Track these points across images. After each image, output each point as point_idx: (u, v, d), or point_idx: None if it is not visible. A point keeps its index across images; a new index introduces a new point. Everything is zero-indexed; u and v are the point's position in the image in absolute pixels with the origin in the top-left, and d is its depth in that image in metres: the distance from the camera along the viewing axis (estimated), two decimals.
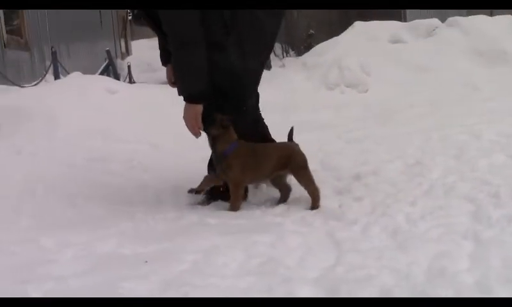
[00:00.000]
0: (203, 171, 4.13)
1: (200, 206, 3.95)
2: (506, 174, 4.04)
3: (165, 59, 4.17)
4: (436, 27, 11.45)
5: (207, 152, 3.96)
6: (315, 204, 3.75)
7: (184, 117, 3.75)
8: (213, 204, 3.97)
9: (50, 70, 10.60)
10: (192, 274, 2.62)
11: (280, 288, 2.42)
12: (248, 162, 3.81)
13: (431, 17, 12.28)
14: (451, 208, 3.42)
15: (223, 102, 3.81)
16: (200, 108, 3.70)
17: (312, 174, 3.87)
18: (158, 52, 4.24)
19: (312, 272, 2.61)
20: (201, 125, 3.70)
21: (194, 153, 4.08)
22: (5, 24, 12.16)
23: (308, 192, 3.83)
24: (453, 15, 12.01)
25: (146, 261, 2.80)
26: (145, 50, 22.03)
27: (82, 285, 2.52)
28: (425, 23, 11.73)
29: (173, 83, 4.13)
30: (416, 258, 2.65)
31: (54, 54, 10.86)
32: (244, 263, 2.76)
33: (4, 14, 12.13)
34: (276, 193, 4.01)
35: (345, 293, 2.37)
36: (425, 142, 5.32)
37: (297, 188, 3.92)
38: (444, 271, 2.49)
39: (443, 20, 11.79)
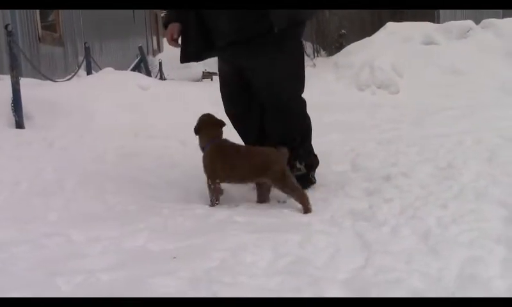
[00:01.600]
0: None
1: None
2: None
3: (171, 18, 4.14)
4: (470, 29, 11.29)
5: None
6: (307, 209, 3.70)
7: None
8: (237, 202, 4.01)
9: (83, 66, 10.72)
10: (221, 271, 2.62)
11: (308, 289, 2.40)
12: (219, 161, 3.88)
13: (465, 19, 12.11)
14: (483, 212, 3.34)
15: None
16: None
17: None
18: None
19: (341, 273, 2.58)
20: None
21: None
22: (40, 20, 12.37)
23: (295, 199, 3.78)
24: (488, 17, 11.84)
25: (175, 258, 2.81)
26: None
27: (111, 280, 2.53)
28: (459, 24, 11.57)
29: (173, 40, 4.13)
30: (448, 263, 2.60)
31: (87, 49, 10.97)
32: (273, 262, 2.75)
33: (40, 10, 12.33)
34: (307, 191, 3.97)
35: (375, 296, 2.34)
36: (457, 145, 5.23)
37: (324, 187, 3.88)
38: (476, 277, 2.44)
39: (477, 21, 11.61)
